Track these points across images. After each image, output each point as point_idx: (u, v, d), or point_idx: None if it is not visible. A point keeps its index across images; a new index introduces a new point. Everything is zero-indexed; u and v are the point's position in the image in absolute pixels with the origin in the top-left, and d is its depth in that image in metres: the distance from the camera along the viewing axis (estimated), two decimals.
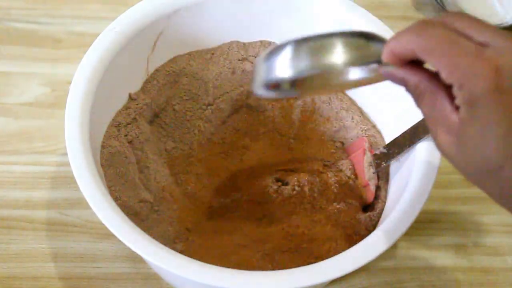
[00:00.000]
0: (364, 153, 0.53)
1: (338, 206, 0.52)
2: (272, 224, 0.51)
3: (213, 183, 0.55)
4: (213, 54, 0.58)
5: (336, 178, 0.53)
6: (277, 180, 0.54)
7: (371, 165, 0.53)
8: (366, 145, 0.54)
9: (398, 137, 0.51)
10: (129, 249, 0.42)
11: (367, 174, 0.53)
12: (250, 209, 0.53)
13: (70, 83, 0.48)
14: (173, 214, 0.51)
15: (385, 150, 0.52)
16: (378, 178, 0.53)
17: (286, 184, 0.53)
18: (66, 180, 0.58)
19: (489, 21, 0.73)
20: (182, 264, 0.41)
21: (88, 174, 0.44)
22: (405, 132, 0.51)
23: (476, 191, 0.61)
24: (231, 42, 0.58)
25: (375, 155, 0.53)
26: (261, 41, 0.59)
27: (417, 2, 0.74)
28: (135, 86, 0.55)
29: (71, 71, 0.50)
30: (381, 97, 0.55)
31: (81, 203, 0.56)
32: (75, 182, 0.43)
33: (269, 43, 0.59)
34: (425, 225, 0.58)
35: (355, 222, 0.50)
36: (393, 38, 0.35)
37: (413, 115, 0.50)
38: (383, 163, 0.52)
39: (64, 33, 0.67)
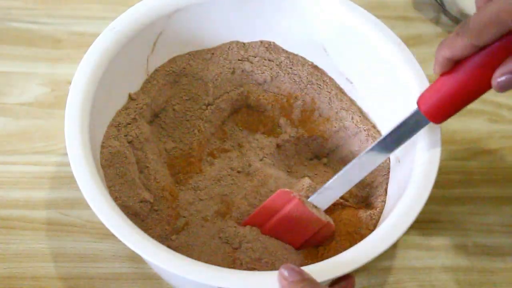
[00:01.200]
0: (302, 201, 0.50)
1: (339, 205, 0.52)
2: None
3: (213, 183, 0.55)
4: (213, 54, 0.58)
5: None
6: None
7: (316, 207, 0.50)
8: (295, 193, 0.50)
9: (336, 179, 0.49)
10: (129, 249, 0.42)
11: (319, 215, 0.50)
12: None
13: (70, 83, 0.48)
14: (172, 214, 0.51)
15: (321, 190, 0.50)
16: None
17: None
18: (66, 180, 0.58)
19: None
20: (182, 264, 0.41)
21: (88, 174, 0.44)
22: (344, 173, 0.49)
23: (476, 191, 0.61)
24: (231, 42, 0.58)
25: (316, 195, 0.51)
26: (261, 41, 0.59)
27: (417, 2, 0.74)
28: (135, 86, 0.55)
29: (71, 71, 0.50)
30: (380, 97, 0.55)
31: (81, 203, 0.56)
32: (75, 182, 0.43)
33: (269, 43, 0.59)
34: (425, 225, 0.58)
35: (356, 220, 0.50)
36: None
37: None
38: (326, 202, 0.50)
39: (64, 33, 0.68)
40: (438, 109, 0.45)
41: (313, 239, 0.50)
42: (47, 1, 0.70)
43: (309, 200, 0.50)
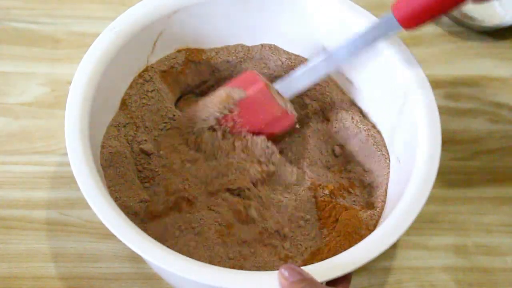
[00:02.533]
0: (267, 86, 0.53)
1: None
2: None
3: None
4: (216, 53, 0.58)
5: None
6: None
7: (279, 94, 0.54)
8: (262, 77, 0.54)
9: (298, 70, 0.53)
10: (129, 249, 0.42)
11: (280, 101, 0.54)
12: None
13: (70, 83, 0.48)
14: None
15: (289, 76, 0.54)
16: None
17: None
18: (66, 180, 0.58)
19: (489, 21, 0.73)
20: (182, 264, 0.41)
21: (88, 174, 0.44)
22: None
23: (476, 191, 0.61)
24: (236, 45, 0.58)
25: (283, 81, 0.54)
26: (262, 45, 0.59)
27: None
28: None
29: (71, 71, 0.50)
30: (380, 97, 0.55)
31: (81, 203, 0.56)
32: (75, 182, 0.43)
33: (270, 45, 0.59)
34: (425, 225, 0.58)
35: (356, 221, 0.50)
36: None
37: (414, 116, 0.50)
38: (291, 91, 0.54)
39: (64, 33, 0.68)
40: (411, 14, 0.47)
41: (272, 127, 0.53)
42: (47, 1, 0.70)
43: (274, 85, 0.54)
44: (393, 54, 0.52)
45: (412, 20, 0.48)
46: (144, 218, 0.49)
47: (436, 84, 0.63)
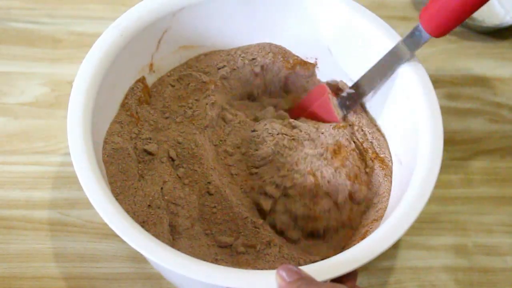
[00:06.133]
0: (330, 98, 0.56)
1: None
2: None
3: None
4: (228, 55, 0.58)
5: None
6: None
7: (340, 107, 0.56)
8: (328, 90, 0.56)
9: (364, 76, 0.53)
10: (129, 249, 0.42)
11: (339, 115, 0.56)
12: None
13: (70, 83, 0.48)
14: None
15: (352, 91, 0.55)
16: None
17: None
18: (66, 180, 0.58)
19: (489, 21, 0.73)
20: (185, 263, 0.41)
21: (89, 169, 0.43)
22: (371, 70, 0.53)
23: (476, 191, 0.61)
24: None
25: (342, 97, 0.56)
26: (269, 44, 0.59)
27: (417, 2, 0.74)
28: None
29: (71, 71, 0.50)
30: (383, 98, 0.55)
31: (81, 203, 0.56)
32: (75, 182, 0.43)
33: (276, 46, 0.59)
34: (425, 225, 0.58)
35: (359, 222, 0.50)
36: None
37: (416, 118, 0.50)
38: (354, 103, 0.55)
39: (64, 33, 0.68)
40: (438, 22, 0.48)
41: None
42: (47, 1, 0.70)
43: (341, 96, 0.56)
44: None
45: (441, 28, 0.48)
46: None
47: (436, 84, 0.63)
